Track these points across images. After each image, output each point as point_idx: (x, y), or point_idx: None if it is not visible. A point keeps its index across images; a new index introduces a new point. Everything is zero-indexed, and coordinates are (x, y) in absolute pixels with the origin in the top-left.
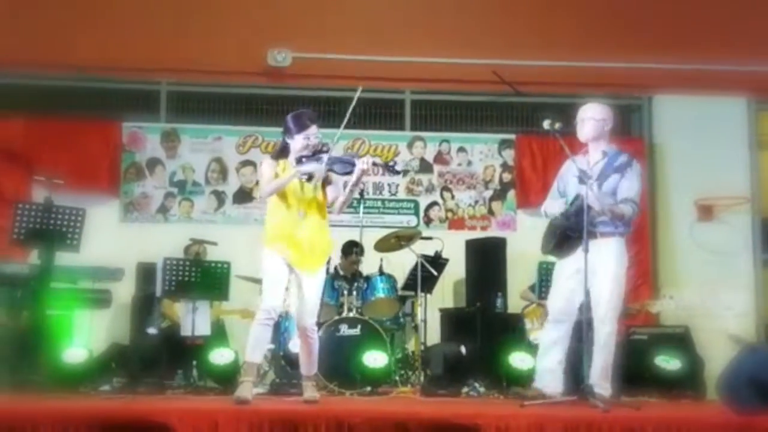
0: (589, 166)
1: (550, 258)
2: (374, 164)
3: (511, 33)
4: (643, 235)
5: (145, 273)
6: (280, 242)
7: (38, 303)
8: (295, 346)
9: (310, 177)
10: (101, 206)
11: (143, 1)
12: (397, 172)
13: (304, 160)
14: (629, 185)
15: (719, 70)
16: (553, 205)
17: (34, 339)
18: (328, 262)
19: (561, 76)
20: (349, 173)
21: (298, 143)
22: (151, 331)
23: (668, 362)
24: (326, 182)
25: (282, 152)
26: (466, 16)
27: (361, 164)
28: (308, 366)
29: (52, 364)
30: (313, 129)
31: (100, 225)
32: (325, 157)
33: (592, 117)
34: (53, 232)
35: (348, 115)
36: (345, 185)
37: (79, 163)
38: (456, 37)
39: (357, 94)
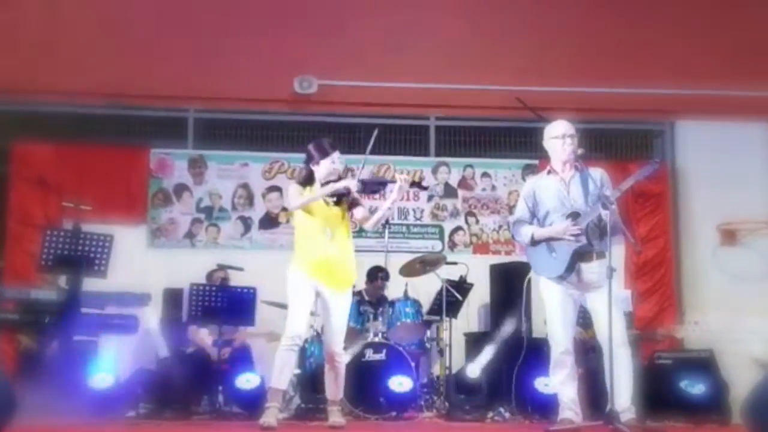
0: (566, 184)
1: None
2: (412, 184)
3: (534, 60)
4: (666, 258)
5: (172, 299)
6: (308, 262)
7: (65, 329)
8: None
9: (339, 198)
10: (129, 232)
11: (171, 30)
12: (425, 188)
13: (332, 184)
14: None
15: (740, 95)
16: (527, 231)
17: (61, 365)
18: (354, 288)
19: (584, 101)
20: (378, 191)
21: (323, 169)
22: (163, 354)
23: (693, 386)
24: (354, 204)
25: (308, 179)
26: (488, 43)
27: (399, 182)
28: (334, 391)
29: (78, 389)
30: (336, 154)
31: (128, 251)
32: (353, 179)
33: (572, 134)
34: (81, 258)
35: (369, 149)
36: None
37: (107, 189)
38: (479, 64)
39: (374, 136)
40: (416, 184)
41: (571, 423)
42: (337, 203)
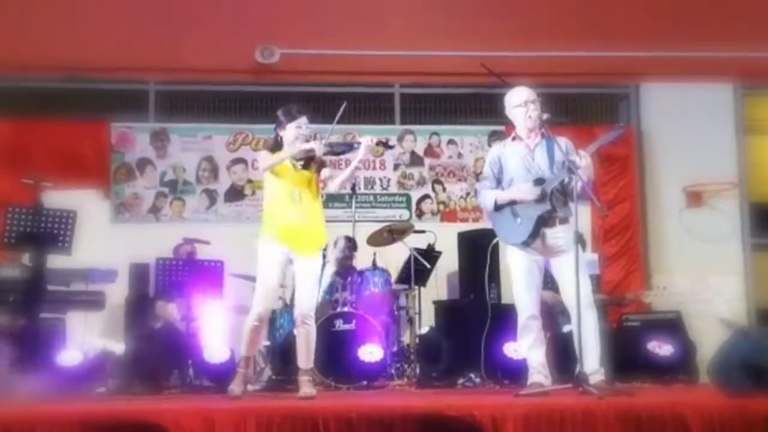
0: (531, 151)
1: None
2: (378, 143)
3: (498, 24)
4: (633, 222)
5: (138, 274)
6: (276, 227)
7: (31, 307)
8: None
9: (307, 162)
10: (92, 208)
11: (129, 1)
12: (391, 147)
13: (297, 144)
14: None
15: (705, 56)
16: (491, 196)
17: (27, 343)
18: (324, 253)
19: (549, 66)
20: (345, 152)
21: (290, 133)
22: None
23: (661, 348)
24: (321, 166)
25: (276, 145)
26: (452, 8)
27: (366, 141)
28: (305, 358)
29: (46, 367)
30: (303, 119)
31: (92, 227)
32: (320, 141)
33: (534, 99)
34: (44, 234)
35: (336, 119)
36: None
37: (69, 164)
38: (443, 30)
39: (341, 110)
40: (382, 143)
41: (540, 386)
42: (305, 167)
